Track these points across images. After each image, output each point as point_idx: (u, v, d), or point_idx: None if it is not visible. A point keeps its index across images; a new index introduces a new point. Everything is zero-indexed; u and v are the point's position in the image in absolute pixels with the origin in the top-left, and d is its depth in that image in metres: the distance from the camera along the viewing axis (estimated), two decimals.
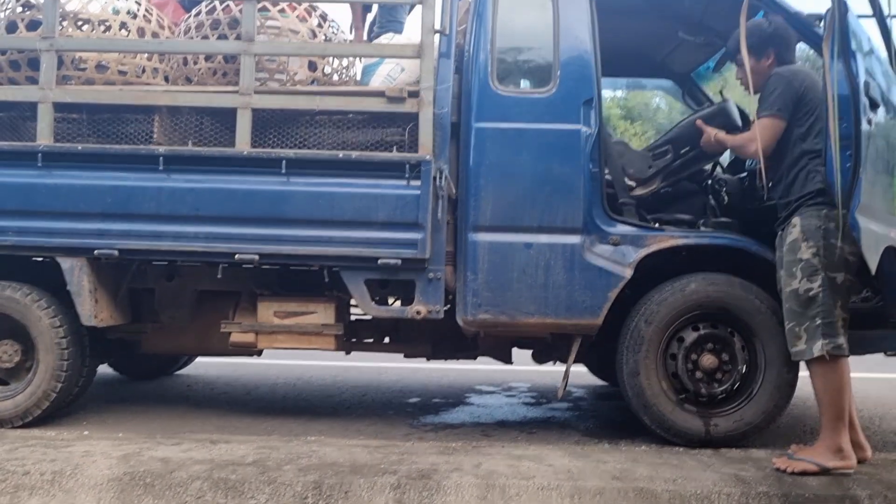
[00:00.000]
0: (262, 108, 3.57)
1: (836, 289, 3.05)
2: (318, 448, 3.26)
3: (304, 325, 3.75)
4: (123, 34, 3.80)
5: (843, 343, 3.02)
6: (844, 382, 3.04)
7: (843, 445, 3.01)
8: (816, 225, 3.10)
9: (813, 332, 3.05)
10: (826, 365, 3.02)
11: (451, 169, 3.59)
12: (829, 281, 3.05)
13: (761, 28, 3.35)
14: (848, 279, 3.07)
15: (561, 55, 3.57)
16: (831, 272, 3.05)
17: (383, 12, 4.31)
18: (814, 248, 3.08)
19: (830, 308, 3.03)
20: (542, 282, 3.48)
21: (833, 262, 3.05)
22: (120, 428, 3.76)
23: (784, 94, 3.18)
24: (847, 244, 3.04)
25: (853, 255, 3.04)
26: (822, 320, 3.03)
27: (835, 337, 3.01)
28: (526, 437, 3.74)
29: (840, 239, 3.03)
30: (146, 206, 3.52)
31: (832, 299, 3.04)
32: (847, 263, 3.06)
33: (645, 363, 3.47)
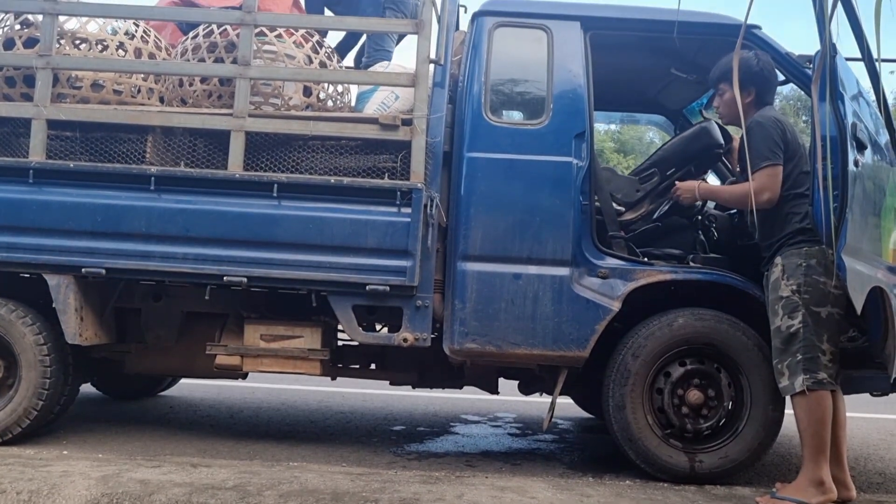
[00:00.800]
0: (256, 132, 3.59)
1: (821, 323, 3.09)
2: (300, 474, 3.22)
3: (290, 350, 3.73)
4: (121, 54, 3.82)
5: (823, 378, 3.05)
6: (825, 416, 3.06)
7: (824, 479, 3.03)
8: (797, 263, 3.15)
9: (795, 367, 3.09)
10: (807, 399, 3.05)
11: (443, 198, 3.61)
12: (812, 316, 3.09)
13: (749, 65, 3.40)
14: (836, 312, 3.10)
15: (554, 88, 3.61)
16: (815, 307, 3.09)
17: (371, 41, 4.35)
18: (794, 285, 3.13)
19: (812, 343, 3.07)
20: (530, 313, 3.48)
21: (816, 298, 3.09)
22: (100, 448, 3.72)
23: (772, 141, 3.23)
24: (830, 279, 3.08)
25: (838, 289, 3.07)
26: (802, 356, 3.08)
27: (815, 372, 3.05)
28: (510, 469, 3.72)
29: (823, 273, 3.09)
30: (136, 226, 3.52)
31: (815, 334, 3.07)
32: (833, 297, 3.09)
33: (631, 397, 3.46)
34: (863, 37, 3.31)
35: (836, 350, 3.10)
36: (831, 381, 3.06)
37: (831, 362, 3.08)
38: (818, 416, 3.05)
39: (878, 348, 3.38)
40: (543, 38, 3.67)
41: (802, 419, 3.09)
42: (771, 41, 3.62)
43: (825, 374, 3.05)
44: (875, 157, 3.40)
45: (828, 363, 3.07)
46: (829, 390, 3.06)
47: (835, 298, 3.10)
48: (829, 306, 3.10)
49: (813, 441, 3.06)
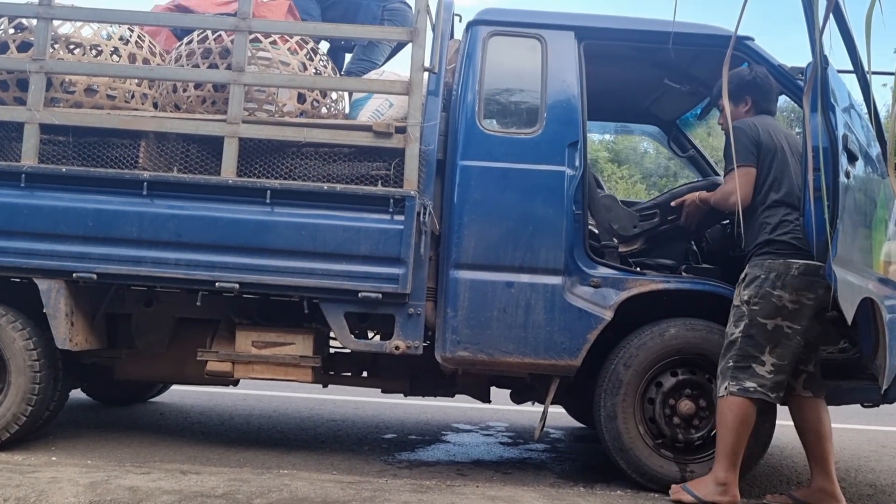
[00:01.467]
0: (250, 138, 3.59)
1: (765, 335, 3.13)
2: (290, 482, 3.21)
3: (281, 356, 3.72)
4: (115, 59, 3.82)
5: (751, 386, 3.09)
6: (739, 424, 3.12)
7: (727, 481, 3.11)
8: (756, 274, 3.20)
9: (724, 372, 3.17)
10: (726, 403, 3.14)
11: (436, 205, 3.61)
12: (756, 327, 3.13)
13: (741, 76, 3.44)
14: (787, 326, 3.12)
15: (548, 98, 3.62)
16: (762, 318, 3.13)
17: (360, 49, 4.35)
18: (746, 295, 3.19)
19: (747, 353, 3.13)
20: (522, 321, 3.48)
21: (766, 310, 3.13)
22: (89, 454, 3.70)
23: (747, 144, 3.27)
24: (786, 292, 3.12)
25: (794, 303, 3.12)
26: (733, 363, 3.15)
27: (742, 380, 3.11)
28: (501, 478, 3.71)
29: (779, 287, 3.13)
30: (128, 231, 3.51)
31: (755, 345, 3.12)
32: (787, 311, 3.12)
33: (622, 407, 3.46)
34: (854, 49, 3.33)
35: (782, 364, 3.12)
36: (761, 391, 3.09)
37: (771, 374, 3.11)
38: (732, 422, 3.12)
39: (868, 359, 3.39)
40: (538, 47, 3.68)
41: (719, 422, 3.17)
42: (763, 52, 3.64)
43: (754, 383, 3.10)
44: (867, 170, 3.42)
45: (765, 374, 3.10)
46: (754, 398, 3.10)
47: (788, 313, 3.12)
48: (780, 319, 3.12)
49: (722, 444, 3.15)
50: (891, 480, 4.11)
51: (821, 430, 3.23)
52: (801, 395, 3.27)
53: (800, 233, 3.18)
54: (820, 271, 3.11)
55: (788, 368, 3.16)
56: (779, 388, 3.13)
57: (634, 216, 3.71)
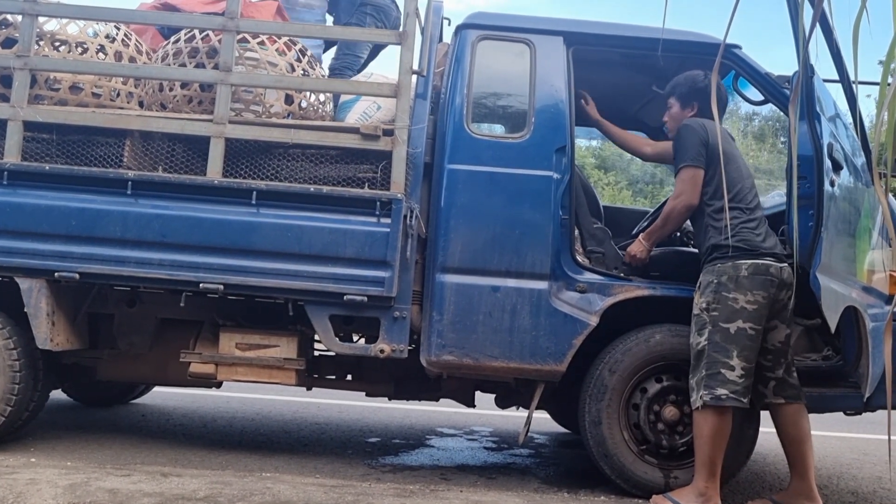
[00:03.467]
0: (236, 139, 3.57)
1: (729, 339, 3.14)
2: (273, 485, 3.19)
3: (265, 359, 3.69)
4: (100, 57, 3.79)
5: (722, 394, 3.10)
6: (715, 434, 3.13)
7: (707, 491, 3.13)
8: (709, 280, 3.24)
9: (698, 383, 3.17)
10: (702, 414, 3.14)
11: (423, 209, 3.60)
12: (720, 332, 3.15)
13: (695, 80, 3.50)
14: (749, 327, 3.14)
15: (536, 102, 3.62)
16: (724, 323, 3.15)
17: (342, 45, 4.34)
18: (703, 302, 3.22)
19: (715, 360, 3.14)
20: (508, 326, 3.47)
21: (725, 314, 3.15)
22: (69, 456, 3.66)
23: (694, 143, 3.31)
24: (741, 293, 3.14)
25: (751, 304, 3.13)
26: (705, 371, 3.16)
27: (713, 388, 3.12)
28: (485, 483, 3.70)
29: (733, 290, 3.15)
30: (111, 231, 3.47)
31: (721, 350, 3.14)
32: (746, 313, 3.14)
33: (607, 412, 3.46)
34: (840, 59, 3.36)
35: (749, 366, 3.14)
36: (733, 397, 3.10)
37: (742, 378, 3.12)
38: (708, 433, 3.13)
39: (851, 367, 3.42)
40: (526, 52, 3.68)
41: (696, 433, 3.19)
42: (750, 60, 3.66)
43: (725, 389, 3.10)
44: (851, 179, 3.44)
45: (736, 378, 3.11)
46: (728, 406, 3.11)
47: (748, 314, 3.14)
48: (741, 321, 3.14)
49: (700, 455, 3.16)
50: (872, 488, 4.13)
51: (797, 434, 3.25)
52: (772, 402, 3.29)
53: (747, 234, 3.21)
54: (770, 269, 3.16)
55: (752, 371, 3.17)
56: (748, 392, 3.15)
57: (620, 257, 3.68)
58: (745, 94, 3.93)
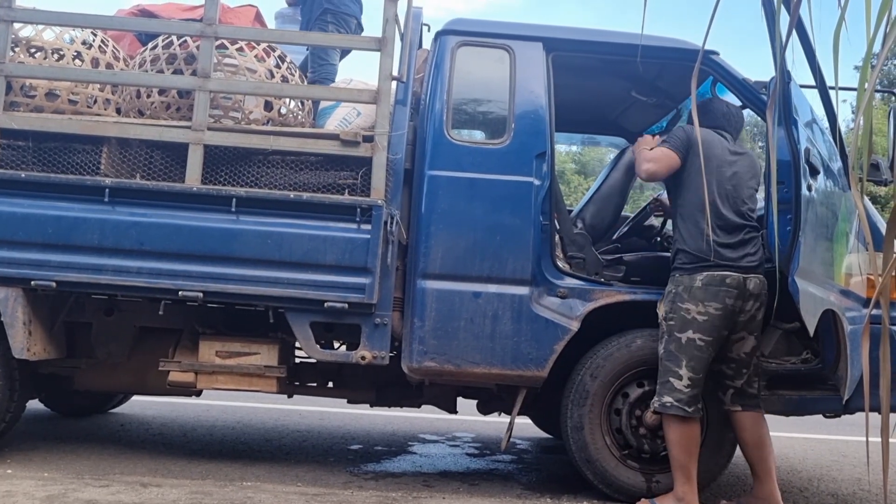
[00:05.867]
0: (215, 145, 3.54)
1: (680, 349, 3.19)
2: (254, 494, 3.16)
3: (246, 366, 3.66)
4: (77, 63, 3.76)
5: (668, 402, 3.16)
6: (677, 438, 3.18)
7: (684, 495, 3.18)
8: (669, 289, 3.31)
9: (658, 390, 3.25)
10: (665, 420, 3.23)
11: (403, 215, 3.60)
12: (674, 342, 3.21)
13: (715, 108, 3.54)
14: (699, 338, 3.18)
15: (516, 108, 3.63)
16: (677, 333, 3.21)
17: (315, 55, 4.33)
18: (663, 311, 3.30)
19: (667, 368, 3.21)
20: (489, 332, 3.47)
21: (679, 324, 3.21)
22: (46, 467, 3.61)
23: (682, 138, 3.36)
24: (693, 304, 3.19)
25: (702, 315, 3.18)
26: (661, 379, 3.23)
27: (662, 395, 3.20)
28: (468, 489, 3.69)
29: (687, 300, 3.20)
30: (88, 238, 3.43)
31: (673, 359, 3.20)
32: (697, 324, 3.18)
33: (589, 417, 3.47)
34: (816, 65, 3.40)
35: (696, 377, 3.18)
36: (677, 405, 3.15)
37: (688, 387, 3.16)
38: (674, 438, 3.20)
39: (830, 370, 3.45)
40: (506, 58, 3.69)
41: (666, 439, 3.26)
42: (728, 66, 3.69)
43: (671, 398, 3.17)
44: (828, 183, 3.47)
45: (683, 388, 3.16)
46: (672, 413, 3.17)
47: (698, 325, 3.18)
48: (691, 332, 3.18)
49: (672, 460, 3.23)
50: (852, 490, 4.16)
51: (755, 439, 3.28)
52: (729, 409, 3.33)
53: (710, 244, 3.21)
54: (727, 280, 3.19)
55: (702, 382, 3.21)
56: (695, 402, 3.18)
57: (601, 263, 3.69)
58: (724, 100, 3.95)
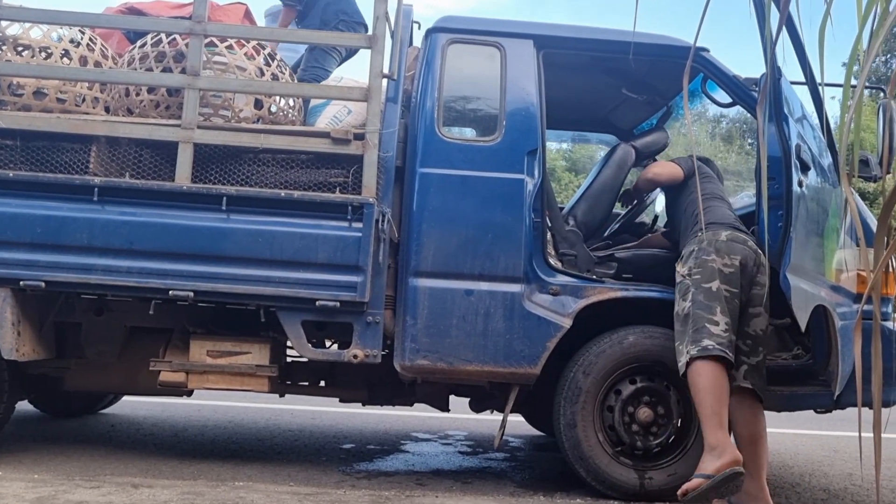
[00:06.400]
0: (205, 144, 3.52)
1: (711, 296, 3.20)
2: (246, 494, 3.15)
3: (237, 366, 3.65)
4: (65, 62, 3.73)
5: (709, 345, 3.11)
6: (711, 384, 3.11)
7: (716, 443, 3.06)
8: (690, 249, 3.34)
9: (686, 345, 3.19)
10: (693, 369, 3.14)
11: (395, 213, 3.59)
12: (702, 292, 3.20)
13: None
14: (726, 289, 3.20)
15: (507, 106, 3.62)
16: (705, 283, 3.22)
17: (311, 56, 4.30)
18: (686, 269, 3.30)
19: (700, 317, 3.17)
20: (482, 329, 3.46)
21: (706, 275, 3.23)
22: (36, 469, 3.58)
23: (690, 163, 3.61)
24: (718, 256, 3.24)
25: (727, 266, 3.21)
26: (692, 330, 3.18)
27: (700, 341, 3.13)
28: (461, 487, 3.69)
29: (711, 253, 3.25)
30: (78, 238, 3.41)
31: (705, 308, 3.18)
32: (723, 275, 3.21)
33: (582, 415, 3.47)
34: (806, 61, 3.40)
35: (731, 321, 3.17)
36: (719, 348, 3.11)
37: (726, 332, 3.15)
38: (705, 384, 3.11)
39: (821, 366, 3.46)
40: (497, 55, 3.69)
41: (694, 392, 3.16)
42: (718, 63, 3.69)
43: (711, 341, 3.12)
44: (819, 179, 3.49)
45: (721, 332, 3.14)
46: (715, 356, 3.11)
47: (725, 277, 3.22)
48: (718, 282, 3.21)
49: (702, 409, 3.12)
50: (843, 485, 4.18)
51: (753, 432, 3.25)
52: (740, 384, 3.27)
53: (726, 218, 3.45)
54: (749, 242, 3.28)
55: (735, 330, 3.21)
56: (731, 349, 3.16)
57: (592, 260, 3.70)
58: (714, 97, 3.96)
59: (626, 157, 3.98)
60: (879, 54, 21.08)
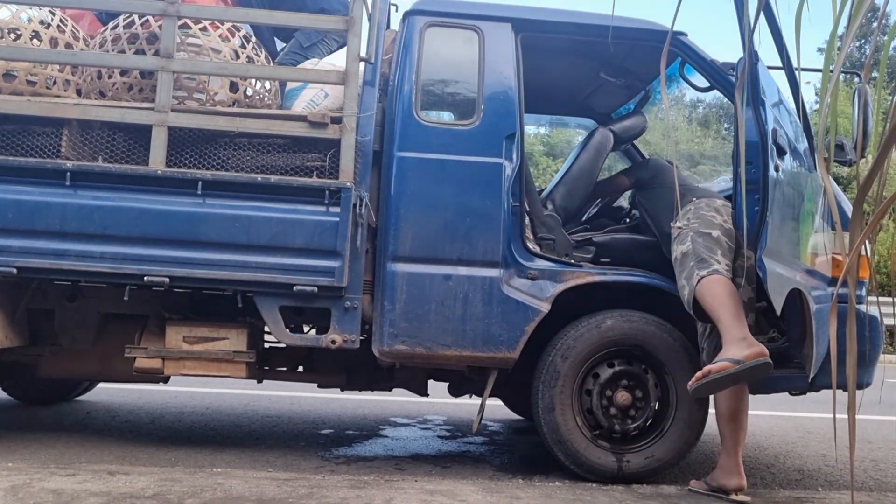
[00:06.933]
0: (179, 127, 3.47)
1: (711, 240, 3.25)
2: (224, 481, 3.13)
3: (214, 352, 3.62)
4: (35, 43, 3.65)
5: (717, 267, 3.15)
6: (726, 291, 3.09)
7: (743, 335, 3.00)
8: (686, 209, 3.41)
9: (690, 273, 3.19)
10: (705, 286, 3.11)
11: (372, 197, 3.57)
12: (703, 237, 3.26)
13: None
14: (726, 241, 3.26)
15: (485, 89, 3.61)
16: (704, 229, 3.28)
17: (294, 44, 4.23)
18: (683, 221, 3.38)
19: (701, 253, 3.21)
20: (460, 314, 3.46)
21: (705, 223, 3.30)
22: (10, 457, 3.54)
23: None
24: (716, 212, 3.34)
25: (727, 223, 3.31)
26: (695, 261, 3.21)
27: (707, 266, 3.16)
28: (440, 472, 3.69)
29: (710, 209, 3.35)
30: (50, 223, 3.35)
31: (706, 248, 3.22)
32: (722, 228, 3.29)
33: (560, 399, 3.48)
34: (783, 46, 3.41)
35: (730, 264, 3.23)
36: (729, 275, 3.16)
37: (727, 272, 3.18)
38: (722, 291, 3.09)
39: (796, 349, 3.49)
40: (475, 38, 3.66)
41: (711, 304, 3.08)
42: (696, 48, 3.70)
43: (718, 267, 3.15)
44: (795, 164, 3.50)
45: (724, 270, 3.17)
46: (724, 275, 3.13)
47: (723, 230, 3.29)
48: (718, 232, 3.27)
49: (724, 313, 3.04)
50: (817, 465, 4.24)
51: (734, 408, 3.24)
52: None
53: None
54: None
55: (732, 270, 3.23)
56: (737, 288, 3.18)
57: (571, 245, 3.70)
58: (692, 81, 3.97)
59: (604, 141, 3.98)
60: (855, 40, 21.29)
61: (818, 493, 3.45)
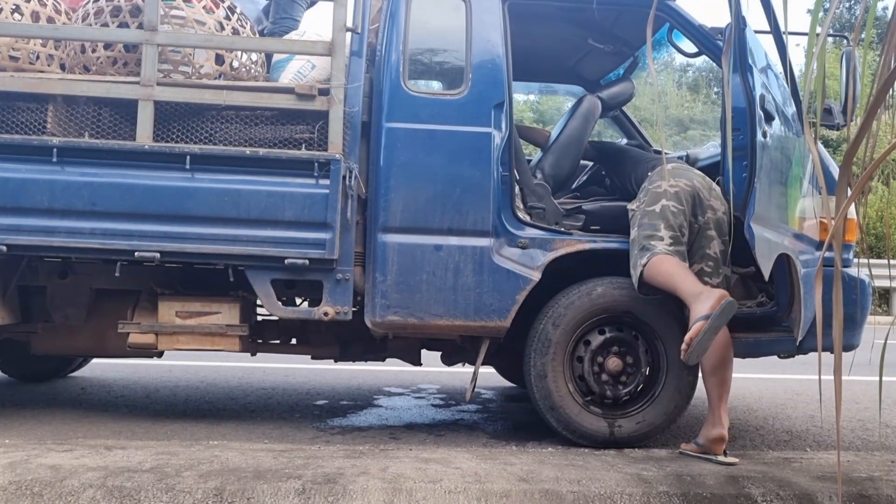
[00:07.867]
0: (166, 101, 3.45)
1: (654, 216, 3.37)
2: (221, 453, 3.16)
3: (207, 326, 3.63)
4: (16, 18, 3.60)
5: (656, 249, 3.28)
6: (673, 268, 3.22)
7: (697, 290, 3.11)
8: (643, 187, 3.54)
9: (634, 263, 3.35)
10: (650, 266, 3.26)
11: (362, 169, 3.56)
12: (647, 215, 3.38)
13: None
14: (672, 206, 3.36)
15: (473, 58, 3.59)
16: (648, 206, 3.40)
17: (277, 8, 4.21)
18: (636, 203, 3.50)
19: (644, 237, 3.34)
20: (452, 284, 3.48)
21: (650, 199, 3.42)
22: (7, 434, 3.56)
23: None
24: (664, 181, 3.42)
25: (672, 186, 3.40)
26: (637, 248, 3.36)
27: (647, 251, 3.30)
28: (434, 440, 3.74)
29: (658, 180, 3.45)
30: (38, 200, 3.34)
31: (650, 227, 3.34)
32: (669, 194, 3.39)
33: (552, 366, 3.51)
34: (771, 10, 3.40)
35: (676, 234, 3.34)
36: (668, 250, 3.28)
37: (672, 245, 3.30)
38: (668, 268, 3.22)
39: (784, 312, 3.53)
40: (461, 7, 3.63)
41: (663, 281, 3.23)
42: (684, 13, 3.68)
43: (660, 246, 3.28)
44: (783, 129, 3.51)
45: (667, 246, 3.29)
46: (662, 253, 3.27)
47: (670, 195, 3.39)
48: (664, 200, 3.38)
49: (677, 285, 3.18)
50: (805, 426, 4.31)
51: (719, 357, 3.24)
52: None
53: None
54: (693, 170, 3.52)
55: (685, 241, 3.37)
56: (683, 257, 3.32)
57: (560, 213, 3.71)
58: (680, 47, 3.96)
59: (592, 108, 3.98)
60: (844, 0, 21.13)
61: (806, 453, 3.51)
